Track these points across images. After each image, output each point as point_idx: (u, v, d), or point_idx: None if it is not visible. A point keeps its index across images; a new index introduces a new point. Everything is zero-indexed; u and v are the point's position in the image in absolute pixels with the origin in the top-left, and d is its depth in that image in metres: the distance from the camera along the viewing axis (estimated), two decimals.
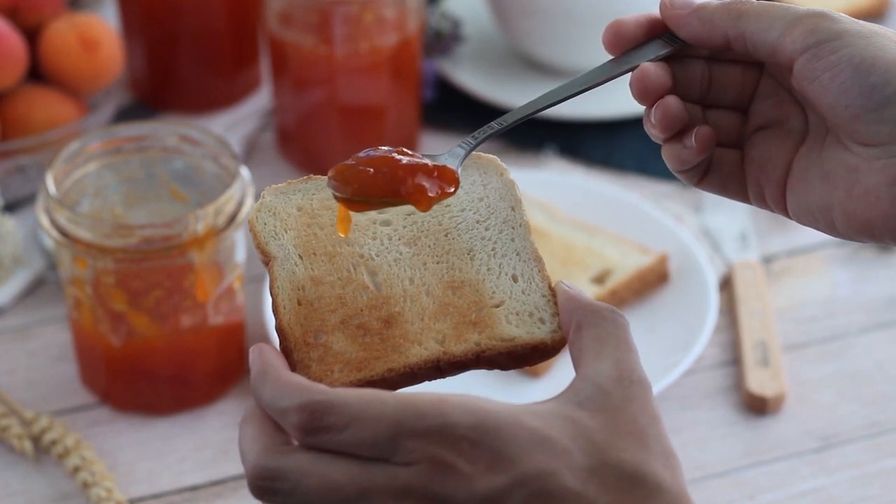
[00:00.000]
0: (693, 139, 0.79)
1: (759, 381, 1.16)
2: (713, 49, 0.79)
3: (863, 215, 0.75)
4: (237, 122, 1.45)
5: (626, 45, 0.79)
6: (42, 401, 1.16)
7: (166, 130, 1.16)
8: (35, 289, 1.27)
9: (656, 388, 1.13)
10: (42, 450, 1.12)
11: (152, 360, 1.13)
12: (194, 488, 1.10)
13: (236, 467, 1.11)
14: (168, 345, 1.12)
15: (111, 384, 1.15)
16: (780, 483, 1.10)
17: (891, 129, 0.73)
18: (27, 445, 1.11)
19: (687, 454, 1.12)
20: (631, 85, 0.79)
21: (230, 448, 1.12)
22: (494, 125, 0.80)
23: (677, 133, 0.79)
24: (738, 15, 0.76)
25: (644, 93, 0.78)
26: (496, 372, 1.16)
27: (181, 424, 1.14)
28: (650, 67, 0.78)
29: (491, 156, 0.80)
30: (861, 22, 0.75)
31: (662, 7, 0.78)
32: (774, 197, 0.80)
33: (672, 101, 0.78)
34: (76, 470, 1.09)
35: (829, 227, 0.77)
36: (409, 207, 0.77)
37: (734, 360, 1.20)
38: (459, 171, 0.77)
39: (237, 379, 1.17)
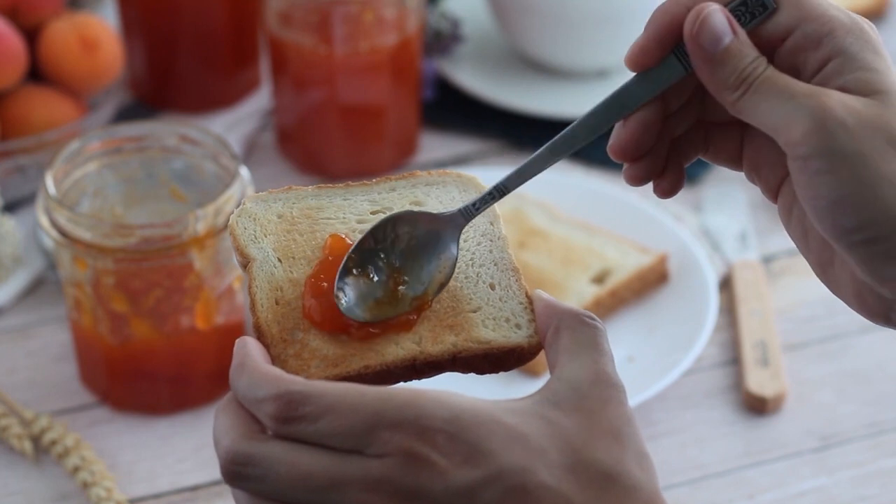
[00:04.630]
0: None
1: (758, 381, 1.16)
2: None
3: (833, 290, 0.76)
4: (237, 122, 1.45)
5: (647, 64, 0.76)
6: (42, 401, 1.16)
7: (166, 130, 1.16)
8: (35, 289, 1.27)
9: (656, 387, 1.13)
10: (42, 450, 1.12)
11: (152, 361, 1.13)
12: (194, 488, 1.10)
13: None
14: (168, 345, 1.12)
15: (111, 384, 1.15)
16: (780, 483, 1.10)
17: (857, 263, 0.72)
18: (27, 445, 1.11)
19: (687, 454, 1.12)
20: (609, 151, 0.77)
21: None
22: (506, 183, 0.78)
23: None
24: (742, 92, 0.73)
25: (624, 160, 0.78)
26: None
27: (181, 424, 1.14)
28: (629, 141, 0.76)
29: (471, 174, 0.81)
30: (864, 122, 0.70)
31: (687, 31, 0.73)
32: (769, 197, 0.79)
33: (647, 163, 0.78)
34: (76, 470, 1.09)
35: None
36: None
37: (734, 359, 1.20)
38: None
39: None
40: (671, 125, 0.78)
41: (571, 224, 1.29)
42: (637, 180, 0.78)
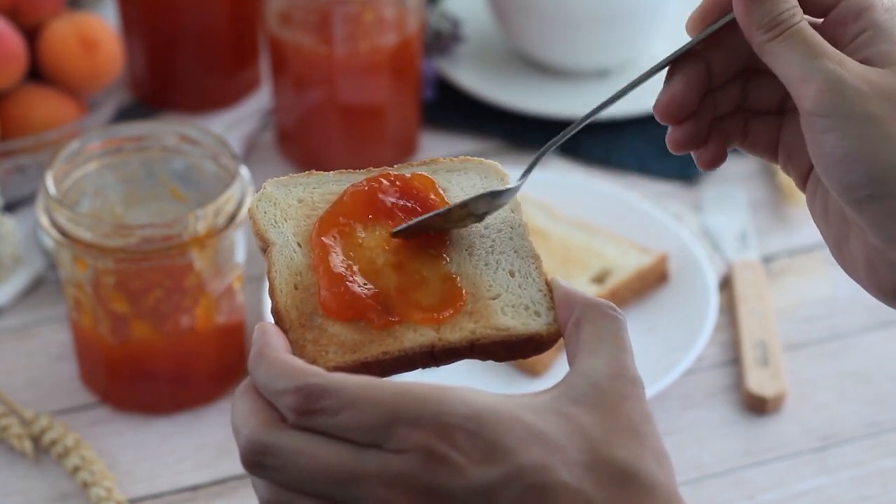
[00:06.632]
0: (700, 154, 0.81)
1: (759, 381, 1.16)
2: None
3: (847, 270, 0.78)
4: (237, 122, 1.45)
5: (706, 25, 0.79)
6: (42, 401, 1.16)
7: (166, 130, 1.16)
8: (35, 289, 1.27)
9: (656, 387, 1.13)
10: (42, 450, 1.12)
11: (152, 361, 1.13)
12: (194, 488, 1.10)
13: (236, 467, 1.11)
14: (168, 345, 1.12)
15: (111, 384, 1.15)
16: (780, 483, 1.10)
17: (866, 224, 0.73)
18: (27, 445, 1.11)
19: (687, 454, 1.12)
20: (654, 110, 0.80)
21: (230, 448, 1.12)
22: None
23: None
24: (772, 36, 0.75)
25: (667, 120, 0.80)
26: (496, 369, 1.17)
27: (181, 424, 1.14)
28: (671, 100, 0.79)
29: (492, 161, 0.81)
30: (878, 90, 0.72)
31: None
32: (799, 185, 0.80)
33: (689, 128, 0.80)
34: (76, 470, 1.09)
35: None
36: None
37: (734, 359, 1.20)
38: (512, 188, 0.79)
39: (237, 379, 1.17)
40: (714, 101, 0.80)
41: (571, 224, 1.29)
42: (679, 145, 0.80)
